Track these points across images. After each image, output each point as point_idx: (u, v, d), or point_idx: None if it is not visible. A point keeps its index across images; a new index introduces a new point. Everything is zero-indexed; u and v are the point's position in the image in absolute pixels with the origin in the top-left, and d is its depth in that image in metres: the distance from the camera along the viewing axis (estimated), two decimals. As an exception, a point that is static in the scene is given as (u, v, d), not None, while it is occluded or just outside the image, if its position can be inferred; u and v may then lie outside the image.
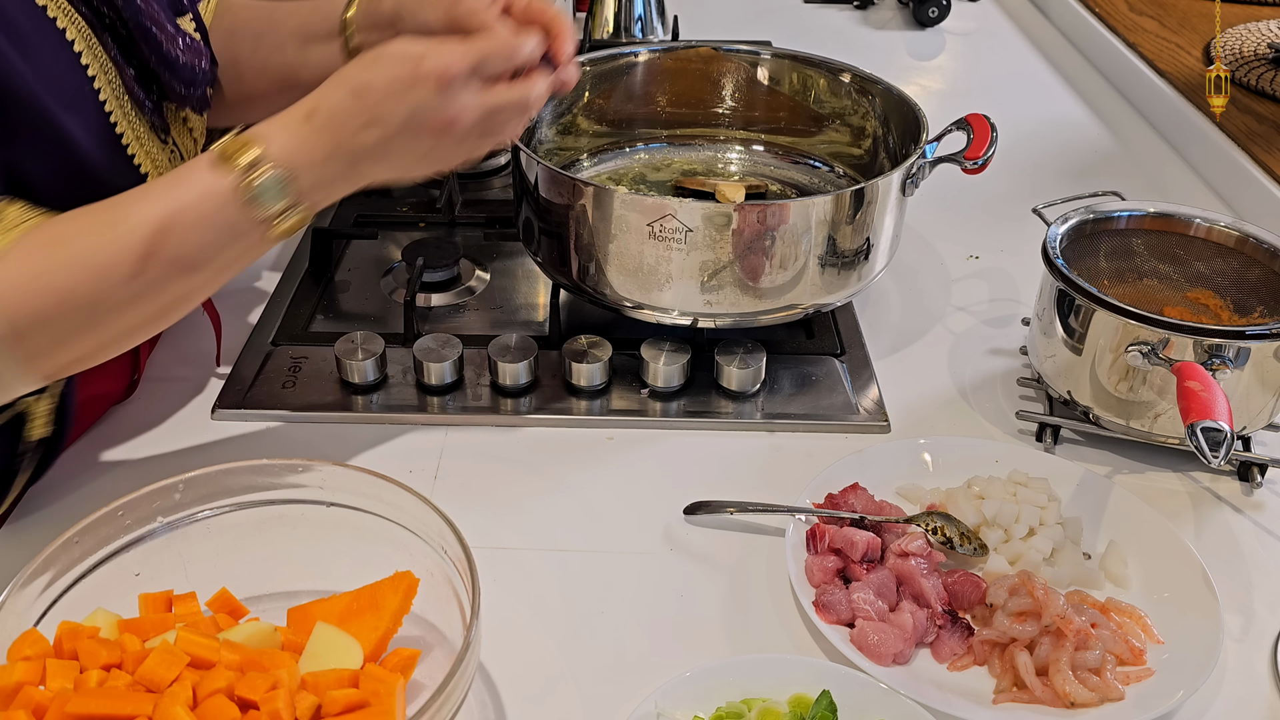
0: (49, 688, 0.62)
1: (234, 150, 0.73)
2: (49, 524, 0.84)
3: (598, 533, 0.86)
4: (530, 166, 0.98)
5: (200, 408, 0.96)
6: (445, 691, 0.61)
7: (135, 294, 0.72)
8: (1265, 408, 0.90)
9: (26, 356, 0.72)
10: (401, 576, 0.71)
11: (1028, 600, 0.75)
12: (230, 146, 0.73)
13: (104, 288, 0.71)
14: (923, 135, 1.03)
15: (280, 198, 0.74)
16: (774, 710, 0.68)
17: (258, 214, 0.73)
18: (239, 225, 0.74)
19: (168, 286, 0.74)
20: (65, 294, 0.71)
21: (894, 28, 1.90)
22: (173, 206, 0.72)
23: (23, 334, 0.70)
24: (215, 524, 0.75)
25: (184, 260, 0.73)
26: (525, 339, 0.99)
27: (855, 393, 1.00)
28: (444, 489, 0.89)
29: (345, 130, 0.75)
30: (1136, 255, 1.00)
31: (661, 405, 0.97)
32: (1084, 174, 1.41)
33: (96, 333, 0.74)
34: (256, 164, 0.73)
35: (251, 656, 0.65)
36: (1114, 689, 0.72)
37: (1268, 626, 0.79)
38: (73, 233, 0.72)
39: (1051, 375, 0.96)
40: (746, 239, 0.92)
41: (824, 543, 0.81)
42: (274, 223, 0.74)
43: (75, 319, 0.72)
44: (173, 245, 0.72)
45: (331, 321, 1.09)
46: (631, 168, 1.22)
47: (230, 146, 0.73)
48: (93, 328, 0.73)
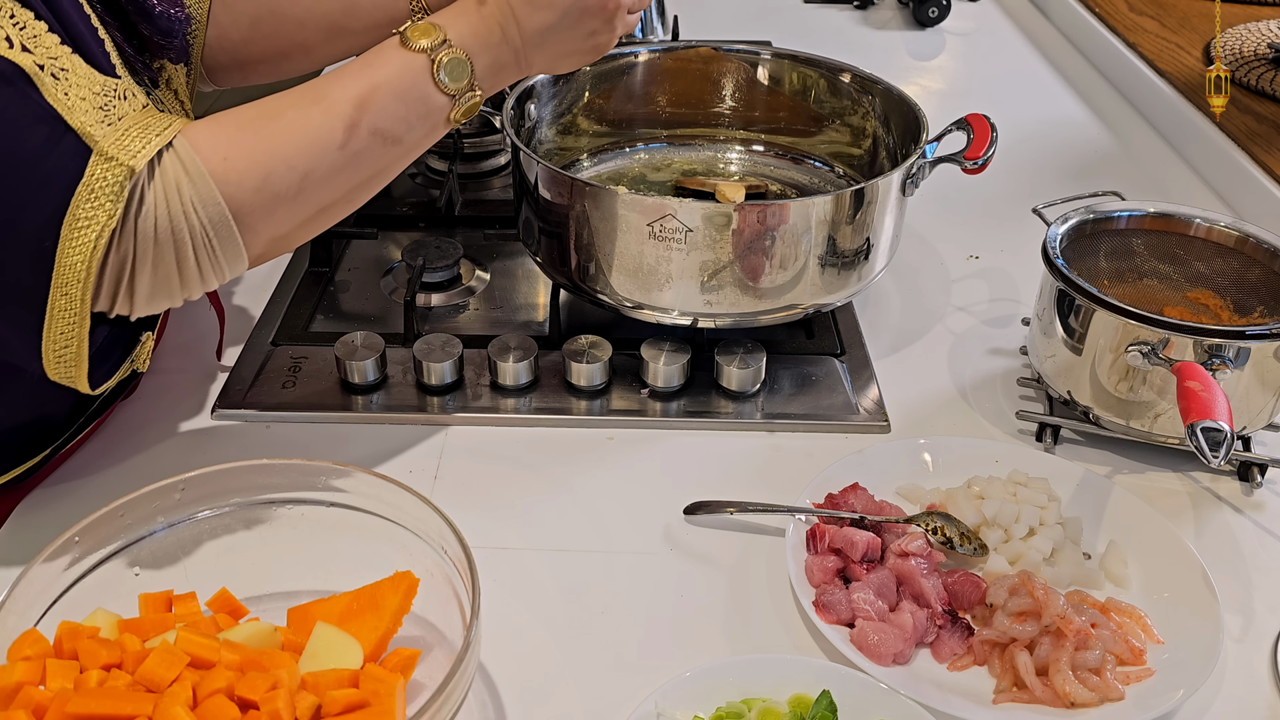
0: (49, 688, 0.62)
1: (417, 35, 0.80)
2: (49, 524, 0.84)
3: (598, 533, 0.86)
4: (530, 166, 0.98)
5: (200, 408, 0.96)
6: (445, 691, 0.61)
7: (341, 164, 0.78)
8: (1265, 408, 0.90)
9: (243, 230, 0.75)
10: (401, 576, 0.71)
11: (1028, 600, 0.75)
12: (413, 32, 0.80)
13: (315, 155, 0.77)
14: (923, 135, 1.03)
15: (462, 78, 0.81)
16: (774, 710, 0.68)
17: (446, 90, 0.81)
18: (430, 100, 0.81)
19: (369, 158, 0.79)
20: (281, 162, 0.75)
21: (894, 28, 1.90)
22: (373, 81, 0.79)
23: (240, 206, 0.74)
24: (215, 524, 0.75)
25: (384, 132, 0.79)
26: (525, 339, 0.99)
27: (855, 393, 1.00)
28: (444, 489, 0.89)
29: (517, 14, 0.83)
30: (1136, 255, 1.00)
31: (661, 405, 0.97)
32: (1084, 174, 1.41)
33: (303, 206, 0.78)
34: (440, 46, 0.80)
35: (251, 656, 0.65)
36: (1114, 689, 0.72)
37: (1268, 626, 0.79)
38: (281, 108, 0.77)
39: (1051, 375, 0.96)
40: (746, 239, 0.92)
41: (824, 543, 0.81)
42: (457, 101, 0.82)
43: (287, 190, 0.76)
44: (374, 116, 0.78)
45: (331, 321, 1.09)
46: (631, 168, 1.22)
47: (413, 32, 0.80)
48: (300, 200, 0.77)
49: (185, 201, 0.72)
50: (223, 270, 0.76)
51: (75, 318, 0.71)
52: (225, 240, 0.74)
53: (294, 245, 0.82)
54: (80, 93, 0.69)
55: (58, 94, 0.68)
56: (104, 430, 0.94)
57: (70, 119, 0.68)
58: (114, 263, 0.71)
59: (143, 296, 0.74)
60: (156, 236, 0.71)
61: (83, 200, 0.68)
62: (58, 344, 0.72)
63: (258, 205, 0.75)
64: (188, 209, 0.72)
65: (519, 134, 1.04)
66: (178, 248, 0.73)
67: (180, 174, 0.72)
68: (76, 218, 0.68)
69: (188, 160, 0.72)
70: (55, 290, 0.70)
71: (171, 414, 0.96)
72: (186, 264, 0.74)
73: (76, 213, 0.68)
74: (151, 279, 0.73)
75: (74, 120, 0.68)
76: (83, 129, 0.68)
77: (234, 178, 0.73)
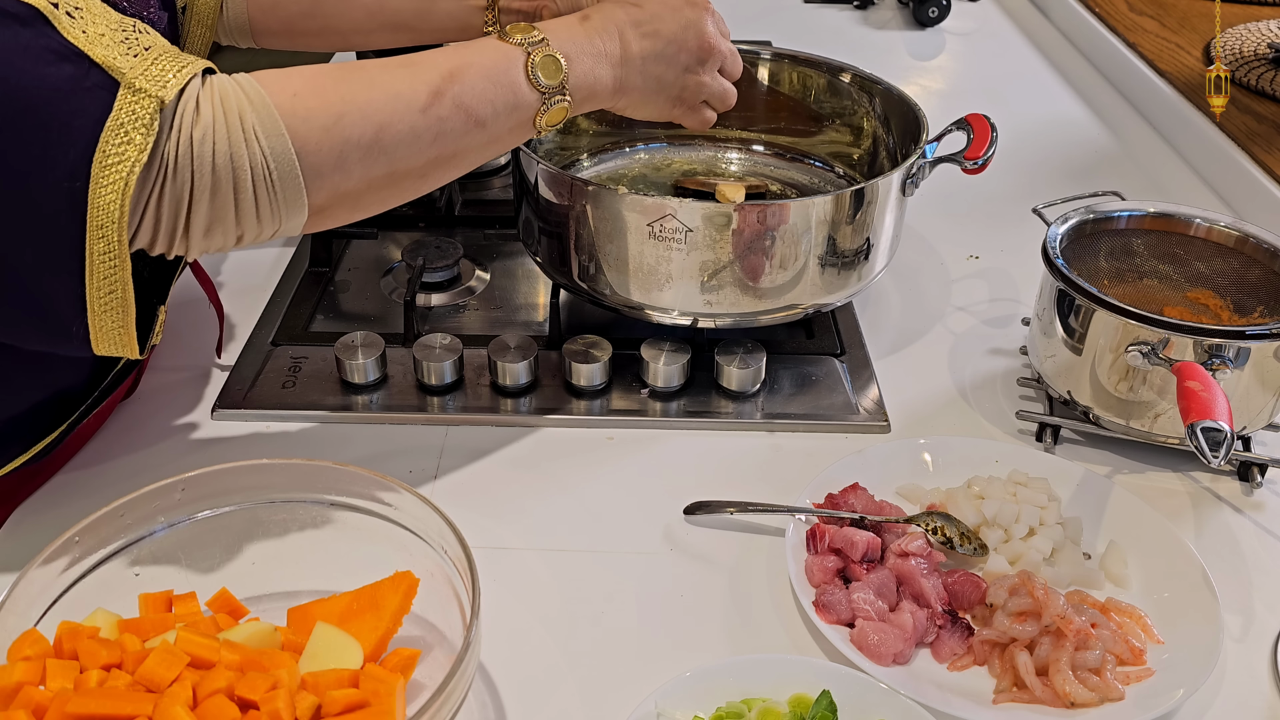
0: (49, 688, 0.62)
1: (516, 31, 0.81)
2: (49, 524, 0.84)
3: (598, 533, 0.86)
4: (530, 166, 0.98)
5: (200, 408, 0.96)
6: (445, 691, 0.61)
7: (419, 129, 0.76)
8: (1265, 408, 0.90)
9: (306, 171, 0.72)
10: (401, 576, 0.71)
11: (1028, 600, 0.75)
12: (514, 29, 0.82)
13: (394, 110, 0.75)
14: (923, 135, 1.03)
15: (554, 77, 0.81)
16: (774, 710, 0.68)
17: (537, 86, 0.81)
18: (520, 91, 0.80)
19: (450, 131, 0.78)
20: (356, 108, 0.74)
21: (894, 28, 1.90)
22: (465, 58, 0.79)
23: (306, 143, 0.72)
24: (215, 524, 0.75)
25: (469, 108, 0.78)
26: (525, 339, 0.99)
27: (855, 393, 1.00)
28: (444, 489, 0.89)
29: (619, 32, 0.86)
30: (1136, 255, 1.00)
31: (661, 405, 0.97)
32: (1084, 174, 1.41)
33: (374, 162, 0.76)
34: (537, 43, 0.81)
35: (251, 656, 0.64)
36: (1114, 689, 0.72)
37: (1268, 626, 0.79)
38: (366, 65, 0.77)
39: (1051, 375, 0.96)
40: (746, 239, 0.92)
41: (824, 543, 0.81)
42: (547, 101, 0.82)
43: (359, 138, 0.74)
44: (461, 88, 0.78)
45: (331, 321, 1.09)
46: (631, 168, 1.22)
47: (514, 29, 0.82)
48: (373, 154, 0.75)
49: (247, 128, 0.70)
50: (280, 212, 0.73)
51: (116, 260, 0.69)
52: (287, 176, 0.72)
53: (359, 212, 0.79)
54: (98, 28, 0.67)
55: (75, 31, 0.66)
56: (104, 430, 0.94)
57: (93, 53, 0.66)
58: (170, 197, 0.69)
59: (198, 233, 0.71)
60: (215, 163, 0.69)
61: (111, 135, 0.66)
62: (101, 290, 0.69)
63: (325, 146, 0.73)
64: (249, 136, 0.70)
65: (519, 134, 1.04)
66: (237, 177, 0.70)
67: (244, 102, 0.70)
68: (106, 154, 0.66)
69: (252, 91, 0.71)
70: (91, 232, 0.67)
71: (171, 414, 0.96)
72: (244, 197, 0.71)
73: (106, 149, 0.66)
74: (209, 213, 0.70)
75: (97, 54, 0.66)
76: (107, 62, 0.66)
77: (302, 113, 0.72)
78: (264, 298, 1.10)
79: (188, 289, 1.08)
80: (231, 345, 1.03)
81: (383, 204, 0.80)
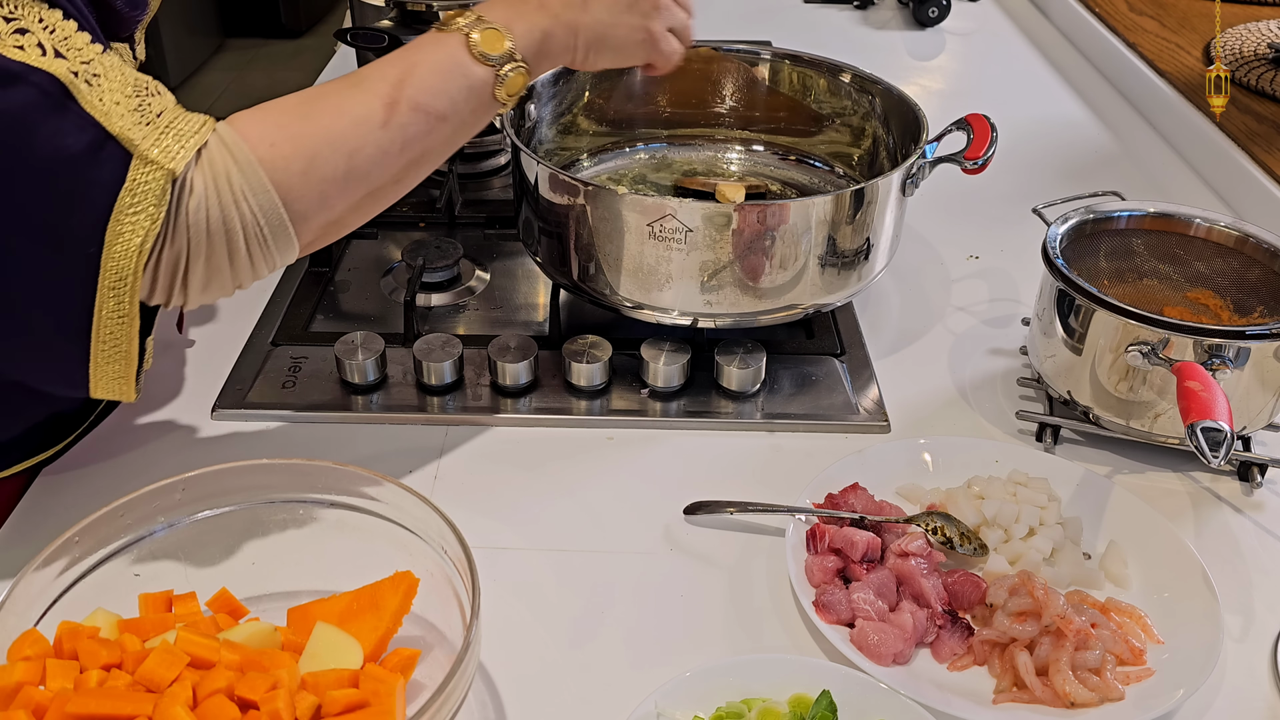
0: (49, 688, 0.62)
1: (453, 18, 0.81)
2: (49, 524, 0.84)
3: (598, 533, 0.86)
4: (530, 166, 0.98)
5: (200, 408, 0.96)
6: (445, 691, 0.61)
7: (385, 145, 0.77)
8: (1265, 408, 0.90)
9: (293, 217, 0.74)
10: (401, 576, 0.71)
11: (1028, 600, 0.75)
12: (449, 18, 0.82)
13: (359, 135, 0.76)
14: (923, 135, 1.03)
15: (498, 46, 0.81)
16: (774, 710, 0.68)
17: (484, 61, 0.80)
18: (470, 72, 0.80)
19: (414, 135, 0.79)
20: (326, 144, 0.75)
21: (894, 28, 1.90)
22: (409, 60, 0.80)
23: (289, 192, 0.73)
24: (215, 524, 0.75)
25: (426, 107, 0.79)
26: (525, 339, 0.99)
27: (855, 393, 1.00)
28: (444, 489, 0.89)
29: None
30: (1136, 255, 1.00)
31: (661, 405, 0.97)
32: (1084, 174, 1.41)
33: (352, 188, 0.77)
34: (474, 23, 0.81)
35: (251, 656, 0.65)
36: (1114, 689, 0.72)
37: (1268, 626, 0.79)
38: (324, 93, 0.78)
39: (1051, 375, 0.96)
40: (746, 239, 0.92)
41: (824, 543, 0.81)
42: (499, 74, 0.81)
43: (334, 172, 0.76)
44: (414, 89, 0.78)
45: (331, 321, 1.09)
46: (631, 168, 1.22)
47: (449, 18, 0.82)
48: (349, 182, 0.77)
49: (235, 191, 0.71)
50: (274, 258, 0.76)
51: (125, 319, 0.72)
52: (276, 229, 0.74)
53: (346, 229, 0.81)
54: (114, 96, 0.69)
55: (94, 100, 0.68)
56: (104, 430, 0.94)
57: (109, 125, 0.68)
58: (168, 259, 0.71)
59: (196, 288, 0.74)
60: (209, 229, 0.71)
61: (125, 206, 0.68)
62: (106, 345, 0.72)
63: (306, 190, 0.75)
64: (238, 198, 0.72)
65: (519, 134, 1.04)
66: (230, 239, 0.72)
67: (229, 164, 0.71)
68: (120, 223, 0.68)
69: (235, 149, 0.72)
70: (103, 293, 0.70)
71: (171, 414, 0.96)
72: (238, 255, 0.73)
73: (120, 218, 0.68)
74: (205, 271, 0.73)
75: (113, 127, 0.68)
76: (122, 134, 0.68)
77: (281, 163, 0.73)
78: (264, 298, 1.10)
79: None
80: (231, 345, 1.03)
81: (366, 217, 0.82)
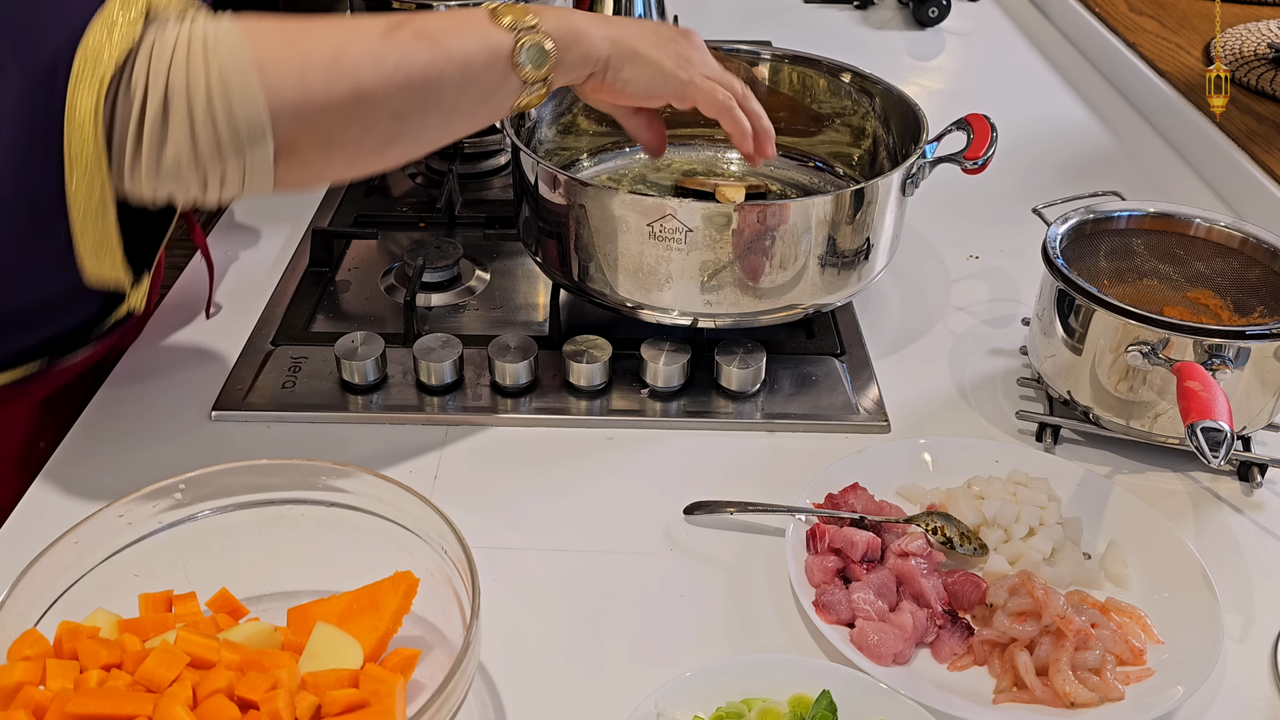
0: (49, 688, 0.62)
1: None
2: (49, 523, 0.84)
3: (598, 533, 0.86)
4: (530, 166, 0.98)
5: (200, 408, 0.96)
6: (445, 691, 0.61)
7: (380, 53, 0.74)
8: (1265, 408, 0.90)
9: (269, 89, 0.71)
10: (401, 576, 0.71)
11: (1028, 600, 0.75)
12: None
13: (351, 34, 0.74)
14: (923, 135, 1.03)
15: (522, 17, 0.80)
16: (774, 710, 0.68)
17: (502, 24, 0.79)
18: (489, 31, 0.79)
19: (413, 58, 0.76)
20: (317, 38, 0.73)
21: (894, 28, 1.90)
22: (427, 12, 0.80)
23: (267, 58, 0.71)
24: (215, 524, 0.75)
25: (431, 34, 0.77)
26: (525, 339, 0.99)
27: (855, 393, 1.00)
28: (444, 489, 0.89)
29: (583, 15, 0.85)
30: (1136, 255, 1.00)
31: (661, 405, 0.97)
32: (1084, 174, 1.41)
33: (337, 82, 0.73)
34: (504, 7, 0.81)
35: (251, 656, 0.65)
36: (1114, 689, 0.72)
37: (1268, 626, 0.79)
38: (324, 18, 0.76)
39: (1051, 375, 0.96)
40: (746, 239, 0.92)
41: (824, 543, 0.81)
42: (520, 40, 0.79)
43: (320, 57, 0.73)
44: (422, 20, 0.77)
45: (331, 321, 1.09)
46: (631, 168, 1.22)
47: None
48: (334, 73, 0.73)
49: (209, 48, 0.69)
50: (240, 135, 0.71)
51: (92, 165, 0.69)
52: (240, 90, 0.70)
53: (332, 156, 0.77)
54: None
55: None
56: (104, 429, 0.94)
57: None
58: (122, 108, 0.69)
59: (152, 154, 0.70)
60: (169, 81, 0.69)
61: (96, 29, 0.66)
62: (80, 196, 0.70)
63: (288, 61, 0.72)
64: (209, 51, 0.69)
65: (519, 134, 1.04)
66: (190, 91, 0.69)
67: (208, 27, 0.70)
68: (88, 45, 0.66)
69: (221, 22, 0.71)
70: (70, 132, 0.68)
71: (171, 414, 0.96)
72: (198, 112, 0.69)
73: (89, 39, 0.66)
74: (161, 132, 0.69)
75: None
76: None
77: (261, 36, 0.72)
78: (264, 298, 1.10)
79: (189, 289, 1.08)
80: (231, 345, 1.03)
81: (359, 147, 0.77)
